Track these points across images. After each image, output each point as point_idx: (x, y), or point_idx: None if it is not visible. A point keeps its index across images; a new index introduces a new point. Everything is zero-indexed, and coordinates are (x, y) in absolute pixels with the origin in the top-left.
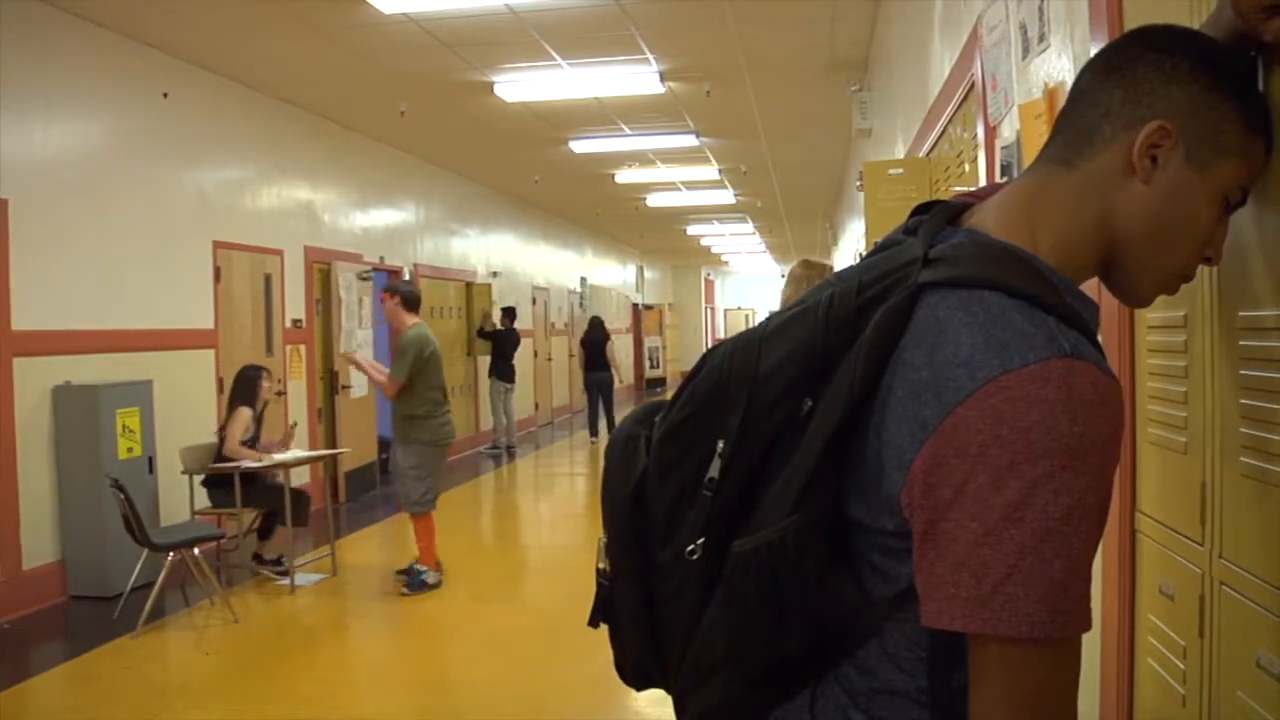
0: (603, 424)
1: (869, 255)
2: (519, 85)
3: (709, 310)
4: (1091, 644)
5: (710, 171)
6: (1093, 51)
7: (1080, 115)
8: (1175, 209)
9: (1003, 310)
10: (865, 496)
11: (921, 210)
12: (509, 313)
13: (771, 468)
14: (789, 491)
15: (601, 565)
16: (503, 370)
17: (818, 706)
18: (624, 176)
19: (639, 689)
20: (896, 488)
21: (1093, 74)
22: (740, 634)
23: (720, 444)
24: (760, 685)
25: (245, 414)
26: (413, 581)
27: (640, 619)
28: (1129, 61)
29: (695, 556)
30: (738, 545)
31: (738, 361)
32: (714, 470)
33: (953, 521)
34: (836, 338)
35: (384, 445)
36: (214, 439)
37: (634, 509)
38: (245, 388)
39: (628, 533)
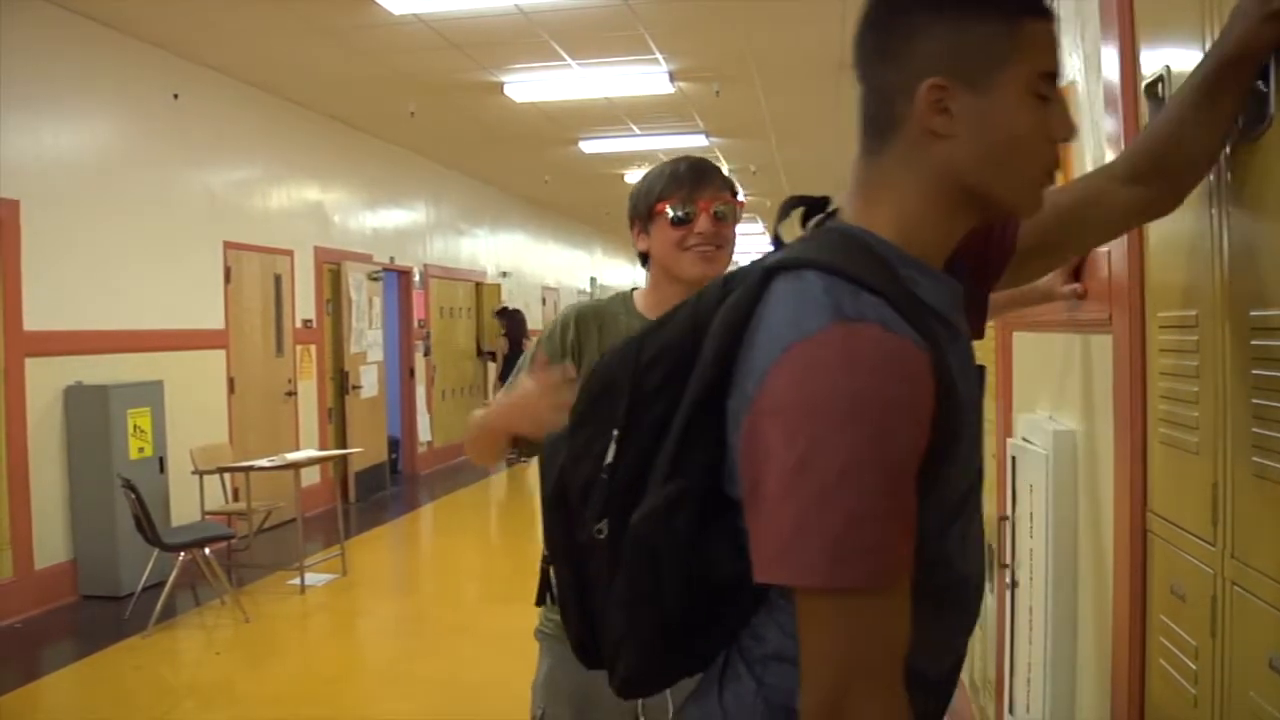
0: None
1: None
2: (528, 85)
3: None
4: (1103, 644)
5: None
6: (1104, 50)
7: (870, 106)
8: (996, 133)
9: (810, 286)
10: (733, 473)
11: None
12: (506, 314)
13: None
14: (663, 463)
15: (546, 552)
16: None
17: (727, 675)
18: (634, 176)
19: (590, 667)
20: (739, 456)
21: (861, 66)
22: (630, 603)
23: (615, 431)
24: (666, 652)
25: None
26: None
27: (575, 599)
28: (880, 38)
29: (602, 535)
30: (632, 520)
31: (623, 356)
32: (610, 455)
33: (763, 482)
34: (705, 326)
35: (394, 445)
36: (225, 439)
37: (557, 496)
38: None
39: (554, 518)
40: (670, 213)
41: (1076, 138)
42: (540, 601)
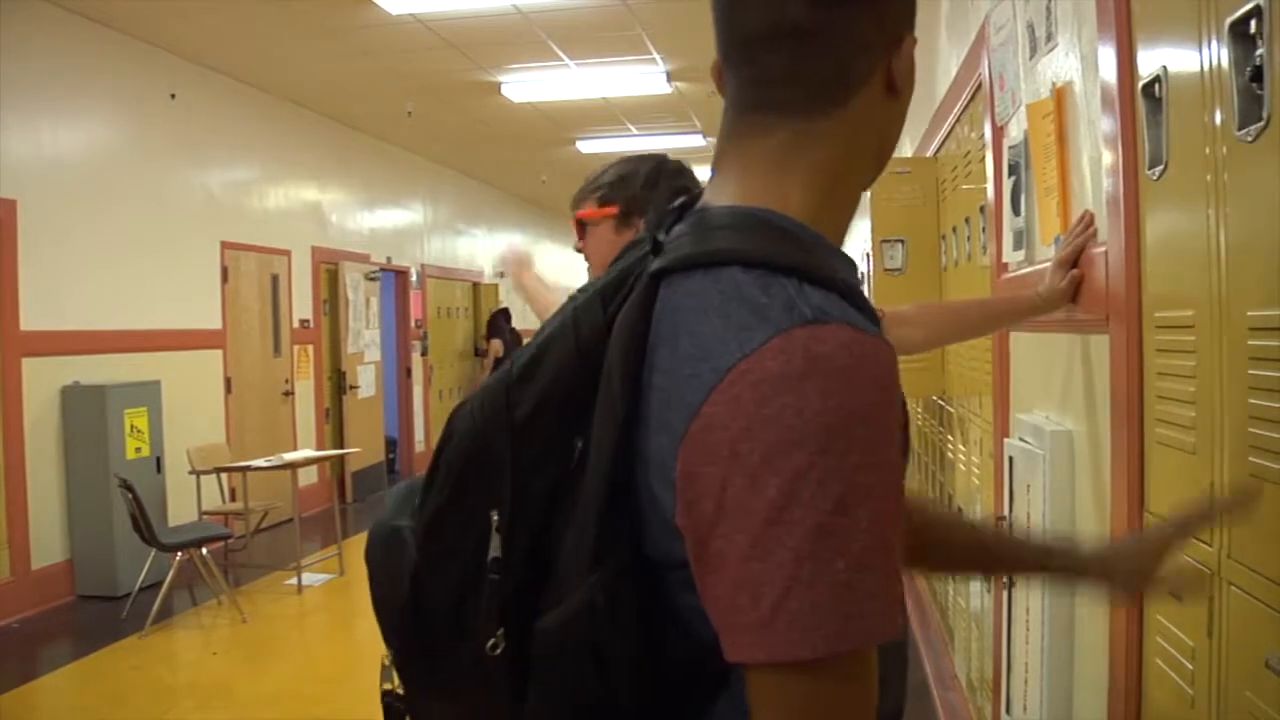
0: None
1: (615, 261)
2: (526, 85)
3: None
4: (1099, 645)
5: None
6: (1100, 51)
7: (820, 57)
8: (910, 82)
9: (737, 286)
10: (658, 530)
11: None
12: (505, 317)
13: (558, 527)
14: (585, 545)
15: (388, 686)
16: None
17: None
18: None
19: None
20: (671, 510)
21: (825, 9)
22: (570, 712)
23: (495, 516)
24: None
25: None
26: None
27: None
28: None
29: (498, 651)
30: (542, 623)
31: (489, 415)
32: (495, 548)
33: (721, 538)
34: (593, 360)
35: (391, 445)
36: (222, 439)
37: (415, 616)
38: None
39: (417, 645)
40: None
41: None
42: None
